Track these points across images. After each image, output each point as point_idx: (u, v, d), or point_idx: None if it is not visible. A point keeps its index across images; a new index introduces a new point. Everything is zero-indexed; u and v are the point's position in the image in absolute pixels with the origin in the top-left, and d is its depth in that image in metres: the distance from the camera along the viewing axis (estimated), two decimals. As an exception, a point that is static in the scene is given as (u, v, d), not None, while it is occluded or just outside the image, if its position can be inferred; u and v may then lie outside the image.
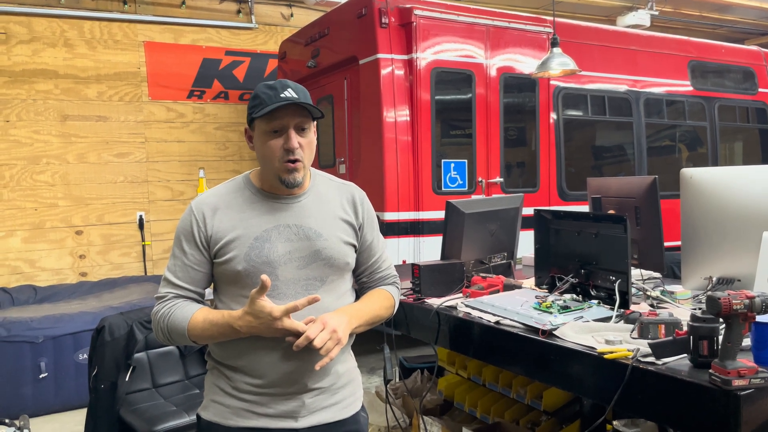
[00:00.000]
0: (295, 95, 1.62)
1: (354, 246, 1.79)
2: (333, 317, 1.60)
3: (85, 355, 4.10)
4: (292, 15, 7.09)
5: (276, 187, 1.70)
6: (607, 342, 1.78)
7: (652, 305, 2.22)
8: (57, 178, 6.07)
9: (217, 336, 1.63)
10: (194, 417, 2.90)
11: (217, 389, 1.71)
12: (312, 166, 1.80)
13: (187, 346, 3.39)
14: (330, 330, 1.55)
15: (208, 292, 1.77)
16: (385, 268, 1.90)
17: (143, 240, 6.44)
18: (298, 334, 1.54)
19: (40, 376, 4.40)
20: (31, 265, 5.98)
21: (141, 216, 6.42)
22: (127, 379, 3.17)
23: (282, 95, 1.61)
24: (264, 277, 1.51)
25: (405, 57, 4.80)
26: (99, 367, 3.14)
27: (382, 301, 1.83)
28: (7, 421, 3.25)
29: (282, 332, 1.55)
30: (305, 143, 1.66)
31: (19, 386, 4.35)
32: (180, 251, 1.69)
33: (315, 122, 1.73)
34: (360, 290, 1.90)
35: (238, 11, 6.87)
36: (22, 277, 5.91)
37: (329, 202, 1.77)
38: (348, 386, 1.78)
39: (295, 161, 1.64)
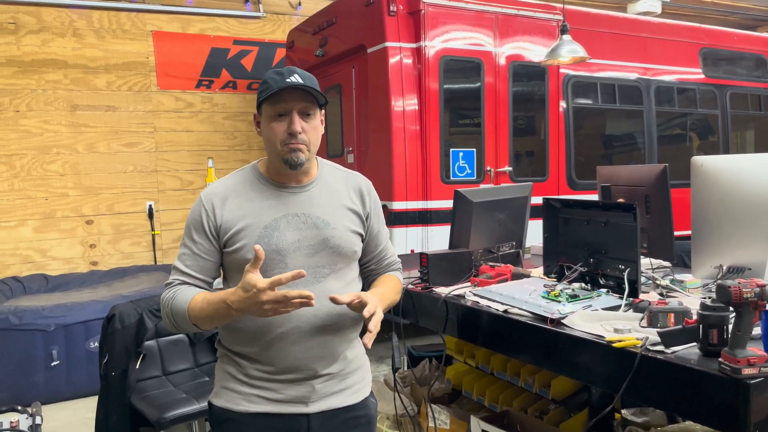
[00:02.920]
0: (301, 81, 1.63)
1: (360, 235, 1.80)
2: (372, 298, 1.63)
3: (96, 343, 4.14)
4: (300, 4, 7.06)
5: (283, 174, 1.71)
6: (616, 331, 1.77)
7: (661, 294, 2.21)
8: (67, 168, 6.10)
9: (212, 315, 1.60)
10: (204, 404, 2.95)
11: (228, 376, 1.73)
12: (320, 155, 1.80)
13: (196, 334, 3.43)
14: (375, 306, 1.61)
15: (217, 282, 1.78)
16: (391, 255, 1.93)
17: (153, 229, 6.47)
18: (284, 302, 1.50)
19: (52, 364, 4.45)
20: (43, 255, 6.03)
21: (150, 205, 6.44)
22: (137, 367, 3.20)
23: (288, 80, 1.62)
24: (257, 247, 1.50)
25: (413, 45, 4.77)
26: (110, 354, 3.17)
27: (395, 286, 1.87)
28: (19, 408, 3.29)
29: (266, 311, 1.51)
30: (310, 128, 1.67)
31: (31, 374, 4.40)
32: (190, 240, 1.71)
33: (322, 110, 1.73)
34: (367, 277, 1.91)
35: (246, 0, 6.85)
36: (33, 266, 5.97)
37: (337, 191, 1.78)
38: (357, 372, 1.80)
39: (298, 143, 1.65)
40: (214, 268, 1.73)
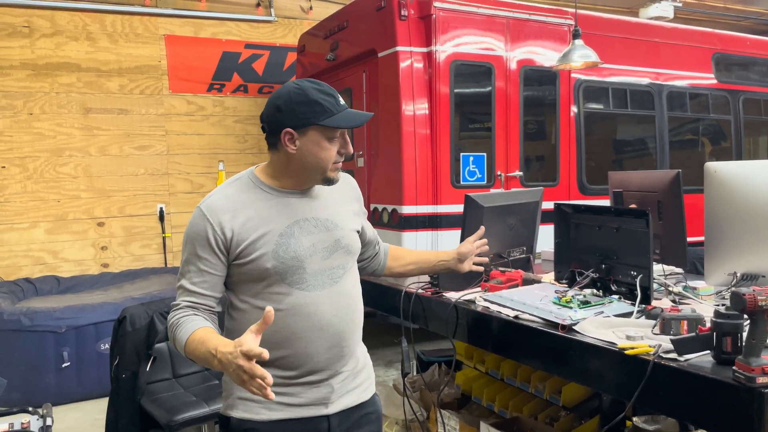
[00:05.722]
0: (349, 108, 1.72)
1: (358, 232, 1.88)
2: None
3: (107, 345, 4.16)
4: (311, 8, 7.09)
5: (294, 184, 1.72)
6: (628, 337, 1.76)
7: (674, 301, 2.19)
8: (79, 171, 6.15)
9: (201, 357, 1.52)
10: (213, 407, 2.95)
11: None
12: None
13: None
14: None
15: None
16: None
17: (163, 232, 6.51)
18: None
19: (63, 366, 4.48)
20: (54, 256, 6.07)
21: (161, 208, 6.48)
22: (147, 369, 3.21)
23: (341, 103, 1.68)
24: (269, 310, 1.39)
25: (424, 50, 4.77)
26: (120, 357, 3.18)
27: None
28: (30, 409, 3.30)
29: (236, 376, 1.39)
30: None
31: (42, 375, 4.43)
32: (194, 256, 1.65)
33: None
34: (372, 262, 2.11)
35: (258, 4, 6.89)
36: (45, 267, 6.01)
37: (333, 193, 1.83)
38: (365, 369, 1.85)
39: (342, 162, 1.74)
40: (220, 283, 1.69)
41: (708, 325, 1.62)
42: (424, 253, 2.23)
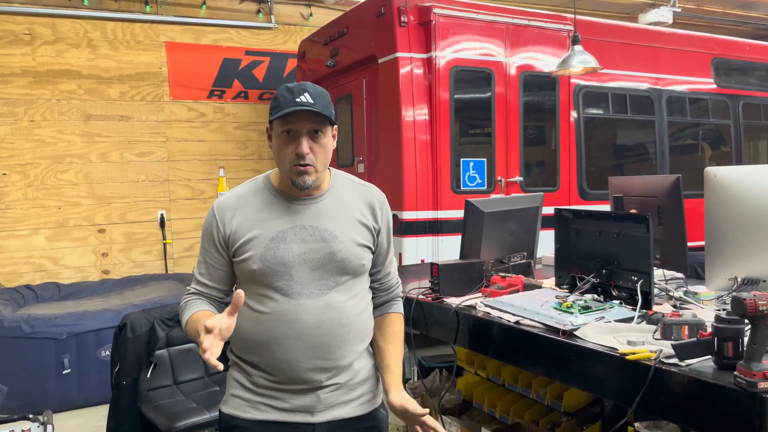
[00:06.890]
0: (311, 100, 1.61)
1: (370, 249, 1.79)
2: (409, 404, 1.71)
3: (108, 352, 4.15)
4: (311, 15, 7.11)
5: (291, 187, 1.71)
6: (629, 343, 1.76)
7: (675, 306, 2.19)
8: (80, 177, 6.15)
9: (193, 333, 1.63)
10: (214, 414, 2.95)
11: (236, 384, 1.76)
12: (331, 165, 1.81)
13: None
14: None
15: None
16: (393, 277, 1.92)
17: (164, 238, 6.50)
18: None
19: (64, 372, 4.47)
20: (55, 263, 6.07)
21: (162, 215, 6.48)
22: (148, 376, 3.21)
23: (297, 99, 1.60)
24: (239, 293, 1.49)
25: (424, 56, 4.78)
26: (121, 363, 3.18)
27: (402, 335, 1.89)
28: (31, 416, 3.30)
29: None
30: (318, 148, 1.66)
31: (43, 382, 4.42)
32: (204, 250, 1.77)
33: (334, 126, 1.72)
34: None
35: (258, 11, 6.91)
36: (46, 274, 6.01)
37: (348, 204, 1.77)
38: (366, 383, 1.79)
39: (305, 165, 1.64)
40: (227, 276, 1.76)
41: (709, 330, 1.62)
42: (387, 353, 1.83)
